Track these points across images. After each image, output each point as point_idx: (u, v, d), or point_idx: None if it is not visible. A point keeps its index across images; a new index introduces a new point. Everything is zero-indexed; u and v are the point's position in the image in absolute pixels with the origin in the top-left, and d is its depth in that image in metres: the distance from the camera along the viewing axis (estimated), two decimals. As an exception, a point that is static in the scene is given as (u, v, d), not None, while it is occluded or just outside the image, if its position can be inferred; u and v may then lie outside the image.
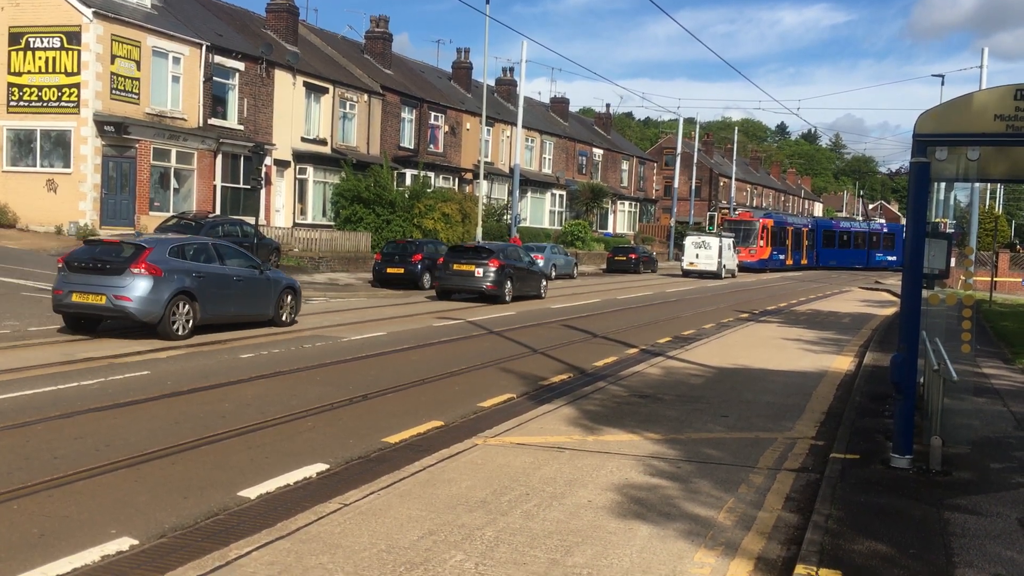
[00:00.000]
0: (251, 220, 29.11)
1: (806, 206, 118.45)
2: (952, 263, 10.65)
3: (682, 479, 7.40)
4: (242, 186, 33.64)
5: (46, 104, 29.42)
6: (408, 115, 45.10)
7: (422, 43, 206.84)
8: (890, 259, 64.53)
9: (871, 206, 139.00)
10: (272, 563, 5.28)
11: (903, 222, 17.57)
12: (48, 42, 29.20)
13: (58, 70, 29.17)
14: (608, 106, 75.50)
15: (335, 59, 42.87)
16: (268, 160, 34.70)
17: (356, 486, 6.90)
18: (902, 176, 71.12)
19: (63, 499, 6.65)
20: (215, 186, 33.00)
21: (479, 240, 35.63)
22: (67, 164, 29.44)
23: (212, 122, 33.23)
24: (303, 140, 37.95)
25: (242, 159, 33.85)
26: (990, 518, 6.40)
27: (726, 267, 45.88)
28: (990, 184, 48.41)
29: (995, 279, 35.66)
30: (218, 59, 33.34)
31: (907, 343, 7.62)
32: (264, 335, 15.94)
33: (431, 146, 46.83)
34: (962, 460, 7.97)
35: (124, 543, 5.82)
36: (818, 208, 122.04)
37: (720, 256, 44.97)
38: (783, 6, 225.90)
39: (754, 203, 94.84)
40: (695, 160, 76.24)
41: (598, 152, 66.15)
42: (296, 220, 37.12)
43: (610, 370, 13.47)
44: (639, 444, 8.58)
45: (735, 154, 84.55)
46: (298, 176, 37.77)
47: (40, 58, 29.38)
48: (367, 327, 17.76)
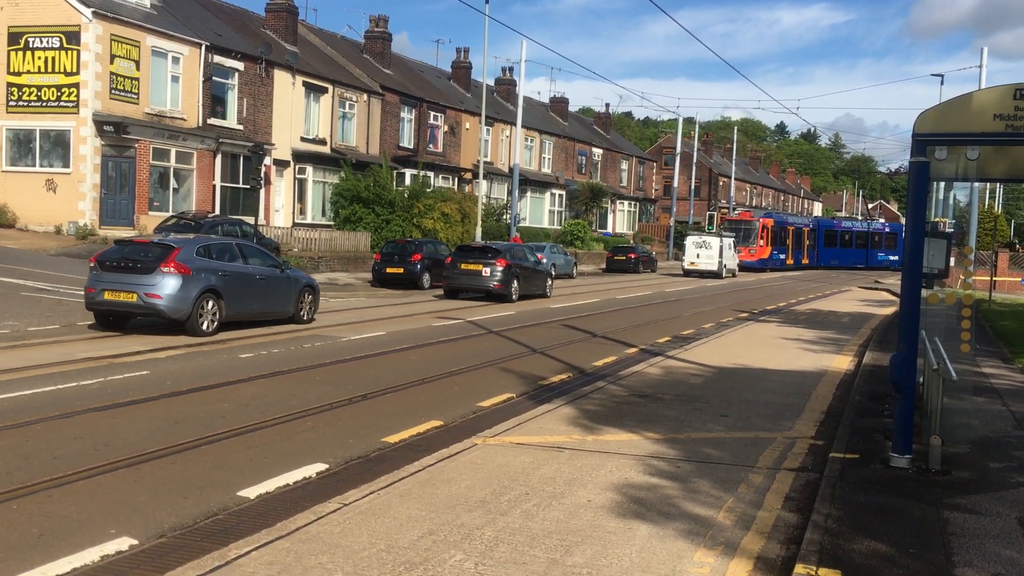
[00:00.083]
0: (250, 220, 29.15)
1: (805, 206, 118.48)
2: (951, 262, 10.64)
3: (681, 479, 7.40)
4: (241, 186, 33.65)
5: (45, 104, 29.42)
6: (407, 115, 45.10)
7: (421, 43, 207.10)
8: (892, 259, 64.40)
9: (871, 205, 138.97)
10: (271, 563, 5.28)
11: (903, 221, 17.56)
12: (47, 42, 29.20)
13: (57, 70, 29.17)
14: (607, 106, 75.68)
15: (334, 59, 42.87)
16: (267, 160, 34.70)
17: (356, 486, 6.90)
18: (901, 176, 71.02)
19: (62, 499, 6.65)
20: (214, 186, 33.01)
21: (485, 240, 35.49)
22: (66, 164, 29.45)
23: (211, 122, 33.23)
24: (302, 140, 37.96)
25: (241, 159, 33.86)
26: (989, 517, 6.40)
27: (727, 267, 46.07)
28: (989, 184, 48.41)
29: (994, 278, 35.69)
30: (217, 59, 33.34)
31: (906, 342, 7.63)
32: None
33: (430, 146, 46.83)
34: (961, 459, 7.97)
35: (123, 543, 5.82)
36: (817, 208, 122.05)
37: (721, 256, 45.13)
38: (782, 6, 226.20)
39: (753, 203, 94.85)
40: (694, 160, 76.28)
41: (597, 152, 66.16)
42: (295, 220, 37.13)
43: (610, 370, 13.47)
44: (639, 444, 8.58)
45: (734, 154, 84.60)
46: (297, 176, 37.78)
47: (39, 58, 29.38)
48: (366, 327, 17.76)
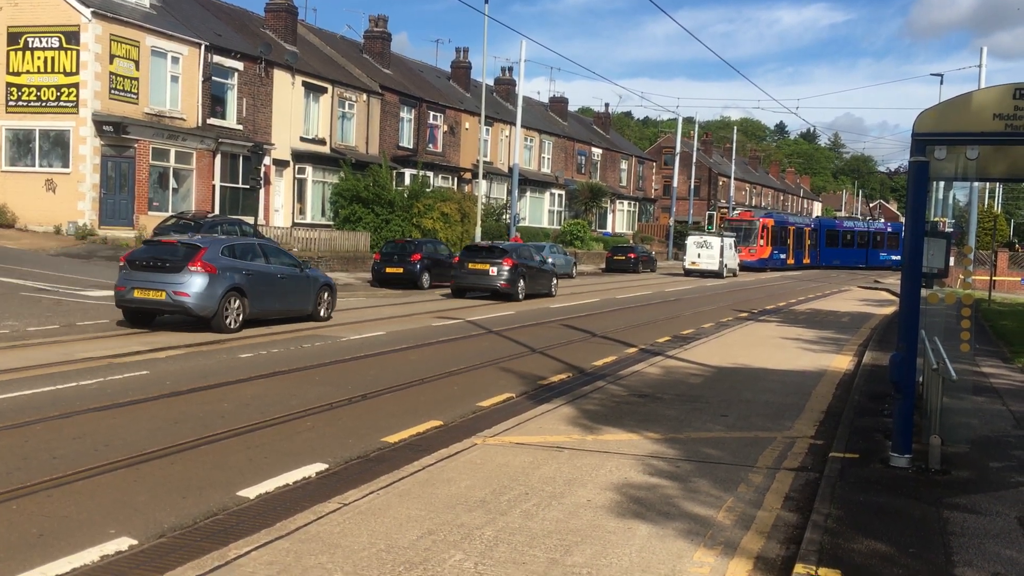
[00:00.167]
0: (250, 220, 29.17)
1: (805, 205, 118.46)
2: (951, 262, 10.63)
3: (681, 478, 7.40)
4: (241, 186, 33.65)
5: (45, 104, 29.42)
6: (407, 115, 45.10)
7: (421, 43, 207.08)
8: (894, 259, 64.26)
9: (871, 205, 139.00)
10: (271, 563, 5.27)
11: (902, 221, 17.59)
12: (47, 42, 29.20)
13: (57, 70, 29.17)
14: (607, 105, 75.69)
15: (334, 59, 42.86)
16: (267, 160, 34.71)
17: (355, 486, 6.90)
18: (901, 175, 71.02)
19: (62, 499, 6.65)
20: (214, 186, 33.00)
21: (490, 240, 35.52)
22: (66, 164, 29.45)
23: (211, 122, 33.23)
24: (302, 140, 37.95)
25: (241, 159, 33.86)
26: (989, 517, 6.40)
27: (727, 266, 46.24)
28: (989, 183, 48.41)
29: (994, 278, 35.71)
30: (217, 59, 33.33)
31: (906, 342, 7.62)
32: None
33: (430, 146, 46.82)
34: (961, 459, 7.97)
35: (123, 543, 5.82)
36: (817, 207, 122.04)
37: (722, 255, 45.31)
38: (782, 5, 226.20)
39: (753, 202, 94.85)
40: (694, 159, 76.25)
41: (597, 151, 66.15)
42: (295, 220, 37.12)
43: (609, 369, 13.46)
44: (638, 443, 8.57)
45: (734, 153, 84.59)
46: (297, 176, 37.77)
47: (39, 58, 29.37)
48: (366, 326, 17.76)
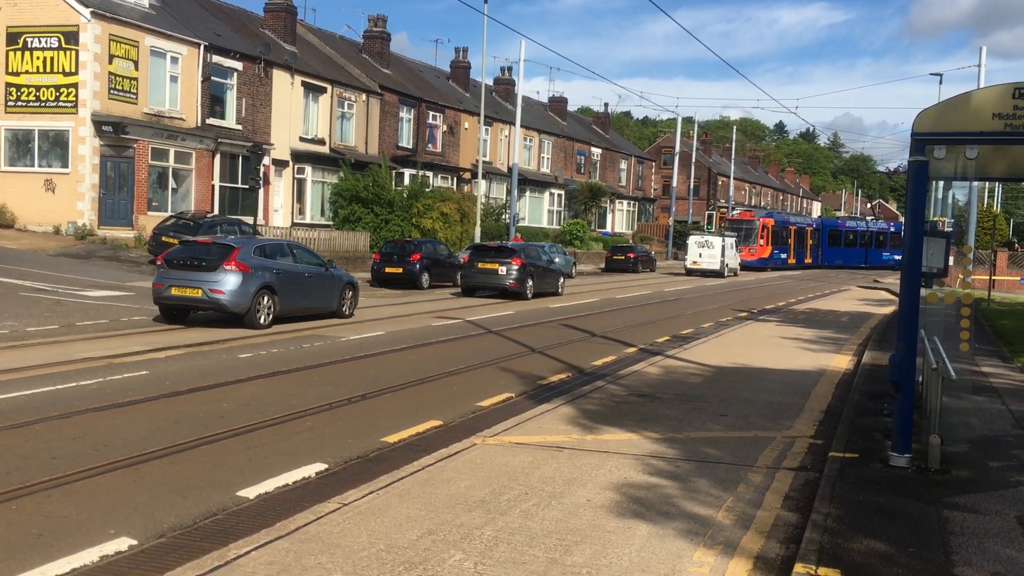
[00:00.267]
0: (249, 220, 29.16)
1: (804, 205, 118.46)
2: (950, 262, 10.63)
3: (681, 478, 7.40)
4: (240, 186, 33.64)
5: (44, 104, 29.40)
6: (406, 114, 45.08)
7: (420, 42, 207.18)
8: (896, 258, 64.33)
9: (871, 204, 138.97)
10: (271, 563, 5.27)
11: (901, 220, 17.58)
12: (46, 42, 29.18)
13: (56, 70, 29.15)
14: (606, 105, 75.68)
15: (333, 59, 42.84)
16: (266, 160, 34.69)
17: (355, 486, 6.89)
18: (900, 175, 71.04)
19: (62, 499, 6.64)
20: (213, 186, 32.99)
21: (499, 241, 35.67)
22: (65, 164, 29.43)
23: (210, 122, 33.22)
24: (301, 140, 37.93)
25: (240, 159, 33.84)
26: (989, 516, 6.40)
27: (728, 266, 46.51)
28: (988, 183, 48.45)
29: (993, 278, 35.72)
30: (216, 59, 33.31)
31: (906, 342, 7.62)
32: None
33: (429, 145, 46.81)
34: (961, 458, 7.97)
35: (123, 543, 5.82)
36: (816, 207, 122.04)
37: (723, 255, 45.53)
38: (781, 5, 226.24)
39: (753, 202, 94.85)
40: (693, 159, 76.25)
41: (596, 151, 66.14)
42: (294, 220, 37.11)
43: (609, 369, 13.46)
44: (638, 443, 8.57)
45: (733, 153, 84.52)
46: (296, 176, 37.76)
47: (38, 58, 29.35)
48: (365, 326, 17.75)
